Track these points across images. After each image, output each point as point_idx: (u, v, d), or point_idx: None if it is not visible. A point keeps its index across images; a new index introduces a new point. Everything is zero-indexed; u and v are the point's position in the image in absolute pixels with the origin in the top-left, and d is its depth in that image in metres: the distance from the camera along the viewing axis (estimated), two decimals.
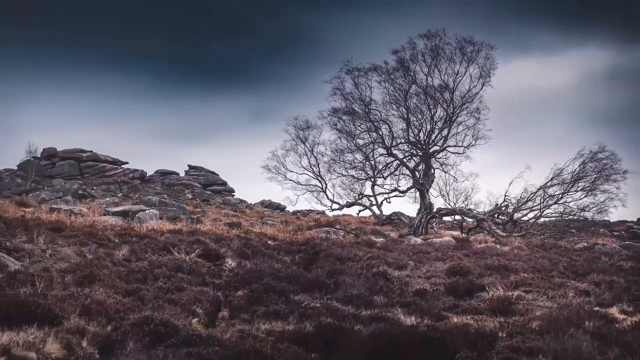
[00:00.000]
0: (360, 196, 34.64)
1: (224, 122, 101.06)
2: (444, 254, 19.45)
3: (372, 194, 34.38)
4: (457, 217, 35.15)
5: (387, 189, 34.53)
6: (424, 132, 33.45)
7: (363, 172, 34.41)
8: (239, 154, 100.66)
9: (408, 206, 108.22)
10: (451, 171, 33.25)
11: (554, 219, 32.45)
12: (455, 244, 24.66)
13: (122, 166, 52.86)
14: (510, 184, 32.64)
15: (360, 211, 35.38)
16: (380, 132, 33.89)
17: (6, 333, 7.05)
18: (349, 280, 13.00)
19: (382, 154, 34.25)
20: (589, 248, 25.75)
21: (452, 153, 33.42)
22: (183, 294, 10.51)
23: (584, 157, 30.97)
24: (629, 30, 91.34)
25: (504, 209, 32.38)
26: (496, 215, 32.36)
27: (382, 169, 34.38)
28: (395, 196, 34.42)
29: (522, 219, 32.34)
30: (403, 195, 34.37)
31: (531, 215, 32.20)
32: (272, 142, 69.25)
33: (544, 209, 31.70)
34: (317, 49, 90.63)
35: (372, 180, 34.32)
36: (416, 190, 33.53)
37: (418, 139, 33.56)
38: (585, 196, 31.03)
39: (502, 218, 32.46)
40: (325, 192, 34.63)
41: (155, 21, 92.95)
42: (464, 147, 33.06)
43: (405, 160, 34.18)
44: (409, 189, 34.09)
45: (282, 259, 16.74)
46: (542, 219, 32.60)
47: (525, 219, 32.36)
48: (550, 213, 32.04)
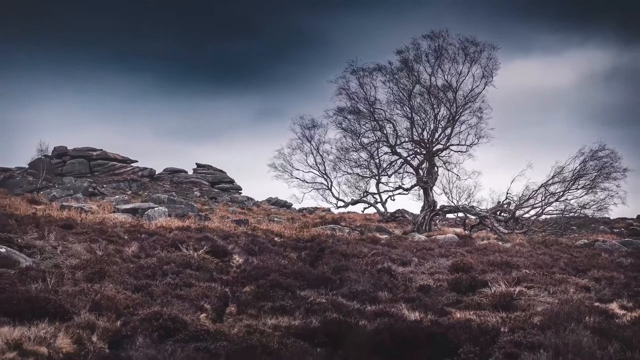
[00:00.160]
0: (365, 194, 34.93)
1: (230, 121, 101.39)
2: (447, 250, 19.60)
3: (377, 191, 34.66)
4: (460, 215, 35.40)
5: (392, 186, 34.91)
6: (428, 131, 33.69)
7: (368, 170, 34.70)
8: (245, 152, 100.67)
9: (412, 204, 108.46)
10: (454, 169, 33.62)
11: (555, 216, 32.70)
12: (458, 240, 24.78)
13: (132, 164, 52.97)
14: (512, 181, 33.20)
15: (365, 209, 35.65)
16: (385, 131, 34.15)
17: (18, 328, 7.10)
18: (354, 276, 13.13)
19: (386, 153, 34.56)
20: (589, 245, 25.88)
21: (455, 151, 33.75)
22: (191, 289, 10.59)
23: (584, 156, 31.28)
24: (629, 31, 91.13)
25: (506, 206, 32.58)
26: (498, 213, 32.52)
27: (387, 167, 34.65)
28: (400, 194, 34.76)
29: (523, 216, 32.53)
30: (407, 192, 34.65)
31: (533, 212, 32.52)
32: (278, 140, 69.48)
33: (545, 207, 31.95)
34: (323, 49, 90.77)
35: (377, 178, 34.56)
36: (420, 188, 33.73)
37: (422, 137, 33.73)
38: (586, 194, 31.33)
39: (504, 215, 32.64)
40: (330, 189, 35.00)
41: (160, 22, 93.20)
42: (466, 145, 33.38)
43: (409, 158, 34.42)
44: (412, 186, 34.34)
45: (288, 255, 16.91)
46: (544, 216, 32.89)
47: (526, 216, 32.60)
48: (551, 210, 32.34)
